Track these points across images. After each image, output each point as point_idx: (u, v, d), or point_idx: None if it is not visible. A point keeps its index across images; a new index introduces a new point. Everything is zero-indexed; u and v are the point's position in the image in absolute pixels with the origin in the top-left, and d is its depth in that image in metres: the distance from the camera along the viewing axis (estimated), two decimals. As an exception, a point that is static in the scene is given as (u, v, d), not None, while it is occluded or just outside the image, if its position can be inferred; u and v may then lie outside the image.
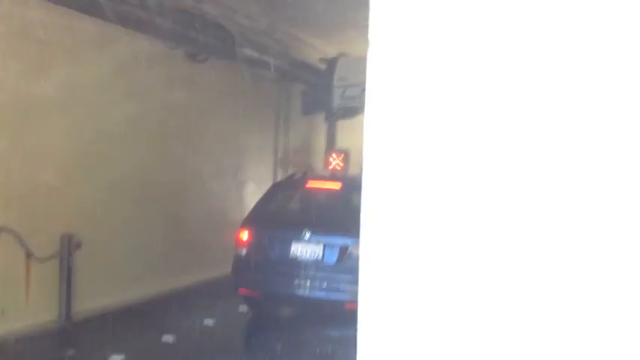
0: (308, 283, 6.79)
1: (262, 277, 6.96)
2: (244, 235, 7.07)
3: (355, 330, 1.52)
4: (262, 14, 9.62)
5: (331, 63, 10.99)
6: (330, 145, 12.34)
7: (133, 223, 7.72)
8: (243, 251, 7.05)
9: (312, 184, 7.73)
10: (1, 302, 6.10)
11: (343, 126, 12.47)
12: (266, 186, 10.31)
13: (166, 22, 7.61)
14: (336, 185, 7.58)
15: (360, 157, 1.60)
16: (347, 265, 6.71)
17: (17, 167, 6.22)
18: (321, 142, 12.39)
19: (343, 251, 6.76)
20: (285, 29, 10.22)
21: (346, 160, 12.01)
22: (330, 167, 11.86)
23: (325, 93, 10.75)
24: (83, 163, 6.96)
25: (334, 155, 12.01)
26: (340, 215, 7.37)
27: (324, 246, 6.80)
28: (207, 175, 9.24)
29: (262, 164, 10.86)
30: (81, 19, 6.66)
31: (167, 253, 8.31)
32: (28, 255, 6.32)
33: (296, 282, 6.81)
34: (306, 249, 6.83)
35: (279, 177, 11.00)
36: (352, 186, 7.94)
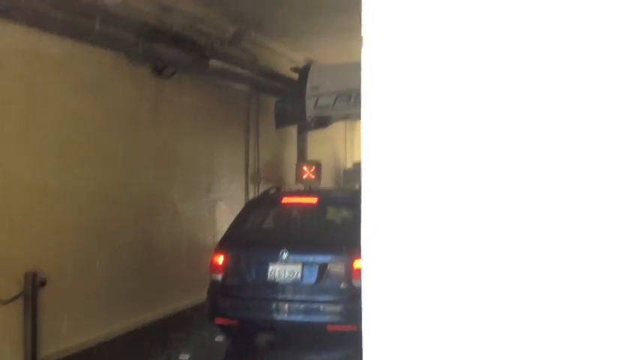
0: (287, 307, 6.50)
1: (239, 303, 6.65)
2: (219, 260, 6.75)
3: (339, 354, 1.46)
4: (229, 23, 9.37)
5: (303, 72, 10.72)
6: (302, 158, 12.15)
7: (100, 255, 7.26)
8: (218, 276, 6.73)
9: (287, 199, 7.46)
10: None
11: (314, 137, 12.29)
12: (238, 204, 10.04)
13: (129, 37, 7.30)
14: (312, 200, 7.32)
15: (332, 167, 1.49)
16: (327, 284, 6.46)
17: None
18: (292, 154, 12.16)
19: (322, 269, 6.50)
20: (252, 38, 9.97)
21: (318, 172, 11.87)
22: (305, 177, 11.65)
23: (298, 103, 10.48)
24: (45, 195, 6.52)
25: (306, 167, 11.84)
26: (318, 231, 7.14)
27: (303, 265, 6.53)
28: (177, 197, 8.87)
29: (234, 181, 10.54)
30: (37, 37, 6.31)
31: (138, 284, 7.89)
32: (-11, 296, 5.90)
33: (275, 306, 6.52)
34: (284, 270, 6.54)
35: (252, 194, 10.71)
36: (328, 199, 7.72)
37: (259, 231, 7.45)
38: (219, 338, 7.24)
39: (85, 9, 6.70)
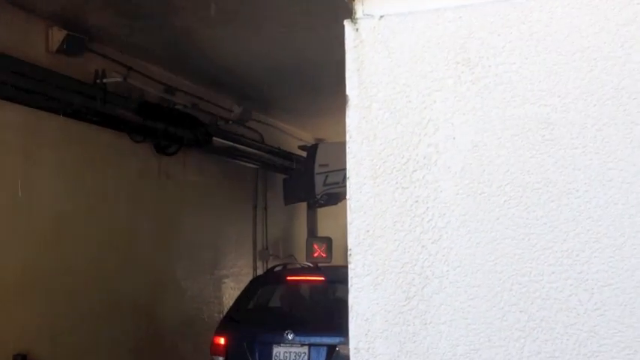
0: (293, 393, 6.08)
1: (242, 388, 6.25)
2: (220, 341, 6.40)
3: None
4: (234, 103, 9.41)
5: (311, 149, 10.75)
6: (312, 234, 11.91)
7: (97, 336, 6.99)
8: (220, 359, 6.35)
9: (292, 277, 7.15)
10: None
11: (324, 213, 12.09)
12: (246, 281, 9.73)
13: (130, 115, 7.25)
14: (319, 278, 7.00)
15: (343, 243, 1.66)
16: (337, 367, 6.05)
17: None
18: (301, 230, 11.92)
19: (331, 352, 6.11)
20: (258, 117, 10.00)
21: (329, 248, 11.57)
22: (315, 255, 11.34)
23: (307, 180, 10.40)
24: (40, 274, 6.32)
25: (316, 245, 11.54)
26: (325, 310, 6.78)
27: (310, 347, 6.14)
28: (181, 275, 8.62)
29: (241, 258, 10.28)
30: (37, 116, 6.27)
31: (139, 365, 7.56)
32: (-22, 380, 5.59)
33: (280, 392, 6.11)
34: (289, 352, 6.16)
35: (260, 271, 10.42)
36: (336, 277, 7.40)
37: (263, 310, 7.11)
38: None
39: (84, 88, 6.69)
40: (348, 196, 1.54)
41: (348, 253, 1.52)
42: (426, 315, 1.45)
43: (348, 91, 1.56)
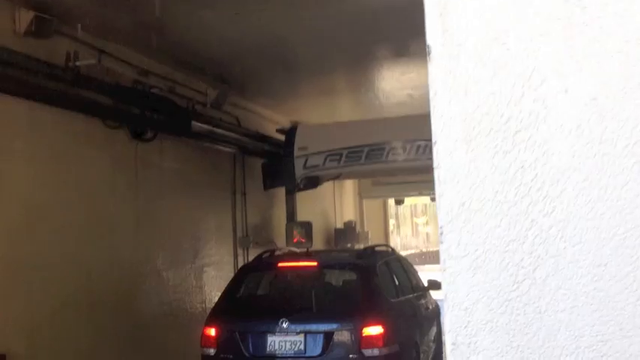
0: (290, 383, 5.85)
1: (236, 381, 5.99)
2: (211, 332, 6.13)
3: None
4: (210, 87, 9.10)
5: (289, 132, 10.49)
6: (291, 218, 11.71)
7: (78, 331, 6.67)
8: (211, 350, 6.10)
9: (284, 264, 6.89)
10: None
11: (303, 197, 11.88)
12: (227, 269, 9.48)
13: (105, 99, 6.88)
14: (311, 263, 6.76)
15: (322, 227, 1.23)
16: (334, 355, 5.85)
17: None
18: (281, 215, 11.68)
19: (328, 339, 5.89)
20: (234, 101, 9.70)
21: (308, 232, 11.37)
22: (295, 240, 11.15)
23: (286, 164, 10.15)
24: (15, 270, 5.96)
25: (296, 229, 11.35)
26: (320, 297, 6.56)
27: (306, 335, 5.91)
28: (161, 265, 8.31)
29: (222, 246, 10.00)
30: (5, 101, 5.88)
31: (122, 357, 7.25)
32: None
33: (276, 382, 5.88)
34: (285, 341, 5.92)
35: (241, 258, 10.16)
36: (329, 262, 7.18)
37: (254, 299, 6.85)
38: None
39: (55, 72, 6.30)
40: (435, 165, 1.30)
41: (439, 231, 1.28)
42: (540, 302, 1.22)
43: (428, 41, 1.31)
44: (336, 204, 15.23)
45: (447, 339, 1.27)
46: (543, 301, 1.22)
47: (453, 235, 1.27)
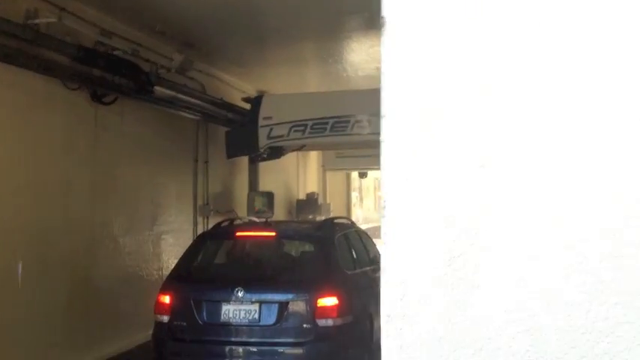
0: (244, 351, 5.90)
1: (189, 347, 6.02)
2: (165, 299, 6.12)
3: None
4: (175, 51, 8.93)
5: (255, 101, 10.43)
6: (253, 188, 11.72)
7: (28, 293, 6.58)
8: (165, 317, 6.10)
9: (242, 233, 6.90)
10: None
11: (265, 168, 11.87)
12: (186, 237, 9.43)
13: (65, 60, 6.72)
14: (269, 233, 6.78)
15: (284, 198, 1.27)
16: (288, 325, 5.91)
17: None
18: (243, 184, 11.66)
19: (283, 308, 5.95)
20: (199, 67, 9.56)
21: (270, 202, 11.40)
22: (255, 211, 11.17)
23: (250, 133, 10.10)
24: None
25: (257, 199, 11.36)
26: (277, 267, 6.61)
27: (261, 304, 5.96)
28: (118, 230, 8.23)
29: (181, 214, 9.94)
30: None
31: (77, 322, 7.23)
32: None
33: (229, 350, 5.92)
34: (239, 310, 5.96)
35: (201, 227, 10.12)
36: (286, 233, 7.22)
37: (211, 267, 6.86)
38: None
39: (14, 29, 6.11)
40: (381, 138, 1.32)
41: (382, 204, 1.30)
42: (474, 277, 1.26)
43: (383, 12, 1.32)
44: (299, 175, 15.24)
45: (382, 311, 1.30)
46: (477, 276, 1.26)
47: (393, 209, 1.29)
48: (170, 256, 9.08)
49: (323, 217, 12.62)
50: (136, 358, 7.32)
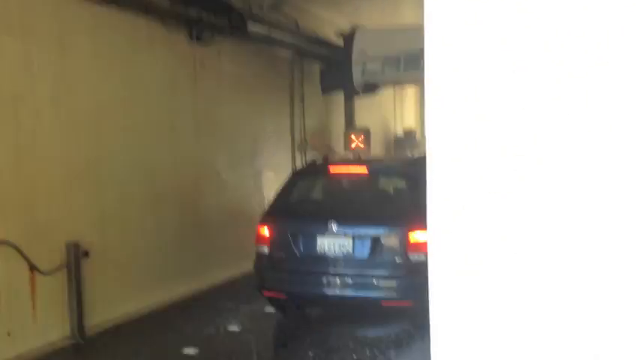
0: (338, 282, 6.11)
1: (287, 276, 6.30)
2: (264, 231, 6.40)
3: (395, 328, 2.11)
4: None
5: (348, 37, 10.31)
6: (349, 125, 11.73)
7: (143, 224, 7.13)
8: (265, 249, 6.39)
9: (335, 169, 7.01)
10: (7, 323, 5.50)
11: (362, 103, 11.81)
12: (285, 173, 9.66)
13: (162, 1, 6.94)
14: (361, 169, 6.85)
15: (381, 135, 1.35)
16: (381, 259, 6.04)
17: (10, 172, 5.58)
18: (339, 122, 11.71)
19: (375, 243, 6.07)
20: (292, 2, 9.52)
21: (367, 139, 11.39)
22: (353, 147, 11.19)
23: (345, 69, 10.06)
24: (85, 165, 6.33)
25: (354, 135, 11.37)
26: (369, 202, 6.70)
27: (354, 238, 6.10)
28: (221, 166, 8.59)
29: (280, 150, 10.18)
30: (67, 1, 6.01)
31: (183, 254, 7.71)
32: (32, 269, 5.71)
33: (325, 280, 6.14)
34: (333, 243, 6.14)
35: (298, 163, 10.34)
36: (379, 169, 7.26)
37: (306, 202, 7.05)
38: (270, 309, 6.93)
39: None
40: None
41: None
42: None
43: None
44: (396, 111, 15.09)
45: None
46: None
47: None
48: (270, 191, 9.35)
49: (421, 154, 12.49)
50: (242, 286, 7.70)
